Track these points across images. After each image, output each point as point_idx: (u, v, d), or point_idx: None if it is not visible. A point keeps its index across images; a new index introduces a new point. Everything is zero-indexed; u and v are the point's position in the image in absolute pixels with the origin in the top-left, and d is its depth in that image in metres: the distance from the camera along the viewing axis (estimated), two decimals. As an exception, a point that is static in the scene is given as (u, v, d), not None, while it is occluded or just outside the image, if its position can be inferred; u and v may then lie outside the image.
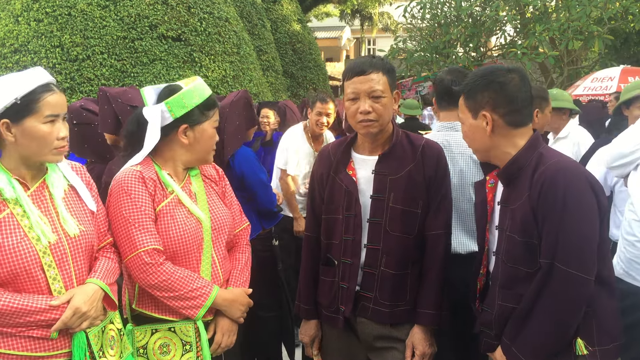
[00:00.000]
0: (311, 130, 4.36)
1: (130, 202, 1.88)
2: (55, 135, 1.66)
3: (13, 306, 1.58)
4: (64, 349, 1.68)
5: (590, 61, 10.80)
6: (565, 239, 1.63)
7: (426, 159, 2.08)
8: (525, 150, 1.78)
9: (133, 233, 1.85)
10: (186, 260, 1.93)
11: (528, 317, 1.70)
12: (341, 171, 2.13)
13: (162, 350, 1.91)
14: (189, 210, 1.95)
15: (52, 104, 1.66)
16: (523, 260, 1.73)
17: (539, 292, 1.67)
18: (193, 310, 1.88)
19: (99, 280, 1.74)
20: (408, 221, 2.05)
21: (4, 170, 1.66)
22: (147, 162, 1.98)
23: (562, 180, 1.67)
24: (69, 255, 1.69)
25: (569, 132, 3.87)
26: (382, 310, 2.06)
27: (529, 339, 1.70)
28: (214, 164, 2.19)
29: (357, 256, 2.07)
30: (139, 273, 1.85)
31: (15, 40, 7.01)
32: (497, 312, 1.79)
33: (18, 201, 1.64)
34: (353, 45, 30.82)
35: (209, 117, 1.99)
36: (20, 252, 1.60)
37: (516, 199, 1.75)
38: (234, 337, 2.00)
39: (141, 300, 1.95)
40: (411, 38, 11.69)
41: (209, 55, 7.72)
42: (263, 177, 3.20)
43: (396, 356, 2.08)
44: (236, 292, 2.02)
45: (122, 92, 2.75)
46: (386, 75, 2.04)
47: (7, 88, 1.63)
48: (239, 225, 2.19)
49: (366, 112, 2.01)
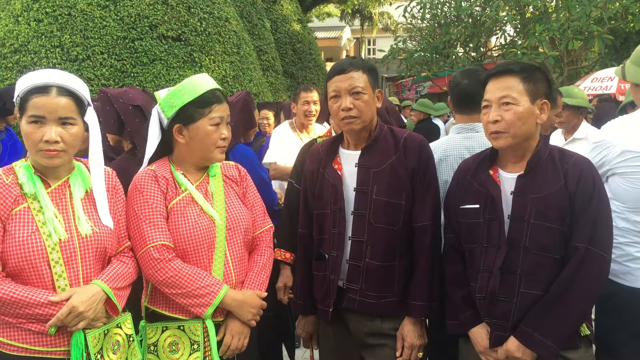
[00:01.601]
0: (299, 123, 4.28)
1: (142, 200, 1.92)
2: (38, 137, 1.67)
3: (13, 296, 1.61)
4: (62, 346, 1.70)
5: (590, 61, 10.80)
6: (600, 225, 1.79)
7: (408, 151, 2.10)
8: (544, 144, 1.92)
9: (143, 229, 1.88)
10: (196, 258, 1.93)
11: (559, 300, 1.77)
12: (328, 166, 2.17)
13: (172, 349, 1.92)
14: (202, 209, 1.95)
15: (37, 105, 1.67)
16: (552, 246, 1.81)
17: (574, 275, 1.77)
18: (201, 309, 1.87)
19: (104, 283, 1.75)
20: (392, 213, 2.07)
21: (28, 166, 1.74)
22: (163, 161, 2.04)
23: (594, 173, 1.85)
24: (78, 255, 1.72)
25: (586, 133, 3.84)
26: (369, 302, 2.08)
27: (559, 323, 1.77)
28: (237, 164, 2.19)
29: (342, 249, 2.09)
30: (148, 269, 1.87)
31: (15, 40, 7.01)
32: (519, 300, 1.82)
33: (36, 196, 1.70)
34: (353, 45, 30.81)
35: (204, 115, 1.94)
36: (28, 245, 1.65)
37: (541, 188, 1.83)
38: (245, 341, 1.97)
39: (153, 297, 1.97)
40: (411, 38, 11.68)
41: (209, 55, 7.72)
42: (264, 175, 3.21)
43: (388, 353, 2.10)
44: (247, 293, 1.98)
45: (123, 93, 2.76)
46: (367, 73, 2.08)
47: (19, 84, 1.71)
48: (260, 226, 2.15)
49: (347, 109, 2.04)
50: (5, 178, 1.70)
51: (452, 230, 2.06)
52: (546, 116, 1.90)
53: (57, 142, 1.68)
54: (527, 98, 1.85)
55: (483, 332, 1.90)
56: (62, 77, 1.74)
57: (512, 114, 1.84)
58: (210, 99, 1.96)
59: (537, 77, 1.88)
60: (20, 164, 1.75)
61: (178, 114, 1.95)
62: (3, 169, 1.74)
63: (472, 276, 1.96)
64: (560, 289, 1.77)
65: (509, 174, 1.92)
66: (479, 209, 1.93)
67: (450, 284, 2.04)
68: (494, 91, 1.90)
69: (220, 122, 1.97)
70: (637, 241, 2.09)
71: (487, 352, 1.89)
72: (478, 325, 1.93)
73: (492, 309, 1.87)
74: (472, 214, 1.96)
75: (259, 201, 2.18)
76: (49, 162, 1.72)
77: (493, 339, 1.87)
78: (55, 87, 1.70)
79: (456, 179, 2.08)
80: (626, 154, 2.09)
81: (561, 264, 1.81)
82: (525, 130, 1.86)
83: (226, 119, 2.00)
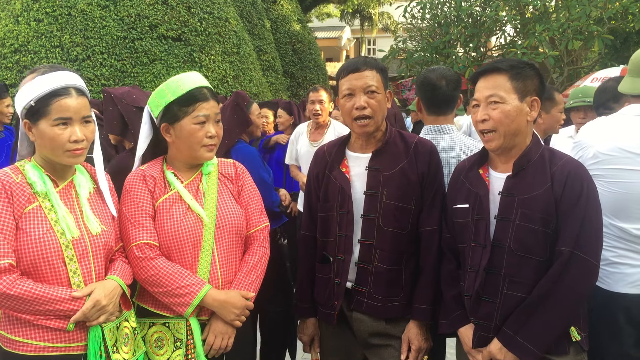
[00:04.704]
0: (312, 123, 4.52)
1: (129, 200, 1.94)
2: (66, 137, 1.72)
3: (35, 293, 1.64)
4: (79, 341, 1.73)
5: (590, 61, 10.80)
6: (586, 229, 1.75)
7: (419, 156, 2.10)
8: (535, 144, 1.89)
9: (128, 228, 1.91)
10: (181, 256, 1.93)
11: (541, 304, 1.75)
12: (335, 169, 2.16)
13: (157, 344, 1.95)
14: (189, 207, 1.95)
15: (63, 108, 1.72)
16: (537, 249, 1.79)
17: (557, 279, 1.74)
18: (181, 308, 1.89)
19: (119, 278, 1.81)
20: (401, 217, 2.07)
21: (37, 166, 1.77)
22: (156, 161, 2.05)
23: (583, 175, 1.80)
24: (90, 252, 1.77)
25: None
26: (377, 305, 2.08)
27: (540, 327, 1.74)
28: (236, 162, 2.18)
29: (350, 252, 2.09)
30: (132, 267, 1.90)
31: (15, 40, 7.01)
32: (502, 301, 1.81)
33: (47, 195, 1.74)
34: (353, 45, 30.82)
35: (188, 113, 1.93)
36: (44, 243, 1.68)
37: (528, 190, 1.81)
38: (230, 341, 1.95)
39: (141, 294, 1.99)
40: (411, 38, 11.67)
41: (209, 55, 7.72)
42: (264, 175, 3.18)
43: (392, 354, 2.09)
44: (231, 294, 1.95)
45: (126, 93, 2.75)
46: (379, 73, 2.08)
47: (29, 90, 1.72)
48: (255, 225, 2.10)
49: (362, 108, 2.03)
50: (15, 177, 1.73)
51: (448, 230, 2.06)
52: (536, 113, 1.87)
53: (83, 141, 1.75)
54: (515, 96, 1.82)
55: (469, 332, 1.90)
56: (75, 78, 1.79)
57: (500, 112, 1.82)
58: (194, 97, 1.94)
59: (527, 73, 1.85)
60: (26, 163, 1.78)
61: (164, 112, 1.96)
62: (10, 168, 1.76)
63: (463, 275, 1.96)
64: (543, 292, 1.75)
65: (499, 174, 1.91)
66: (469, 209, 1.93)
67: (443, 283, 2.04)
68: (482, 90, 1.88)
69: (205, 121, 1.94)
70: (615, 245, 2.06)
71: (472, 352, 1.90)
72: (466, 326, 1.92)
73: (477, 309, 1.87)
74: (463, 213, 1.95)
75: (256, 199, 2.14)
76: (74, 161, 1.77)
77: (477, 340, 1.86)
78: (74, 88, 1.76)
79: (452, 179, 2.09)
80: (598, 156, 2.06)
81: (546, 267, 1.78)
82: (514, 129, 1.84)
83: (213, 117, 1.97)
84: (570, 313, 1.76)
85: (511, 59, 1.93)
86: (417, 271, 2.11)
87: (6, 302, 1.63)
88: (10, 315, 1.69)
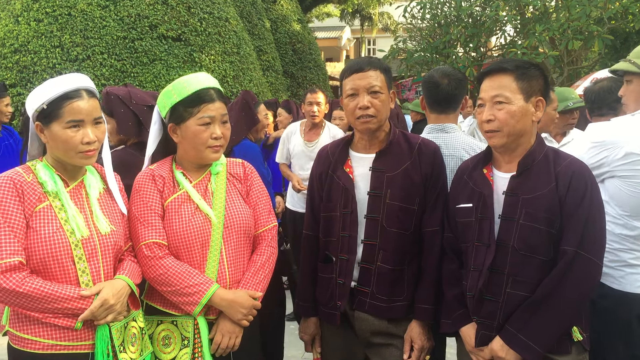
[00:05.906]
0: (306, 123, 4.58)
1: (138, 199, 1.95)
2: (79, 139, 1.75)
3: (44, 291, 1.66)
4: (87, 340, 1.75)
5: (590, 61, 10.80)
6: (590, 229, 1.76)
7: (422, 157, 2.10)
8: (539, 144, 1.90)
9: (137, 227, 1.92)
10: (189, 256, 1.94)
11: (545, 302, 1.75)
12: (339, 169, 2.15)
13: (164, 342, 1.96)
14: (198, 207, 1.96)
15: (75, 111, 1.75)
16: (540, 248, 1.79)
17: (561, 278, 1.74)
18: (189, 307, 1.89)
19: (127, 277, 1.83)
20: (405, 218, 2.07)
21: (48, 166, 1.80)
22: (166, 161, 2.07)
23: (587, 175, 1.81)
24: (99, 251, 1.79)
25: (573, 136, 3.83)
26: (380, 305, 2.08)
27: (543, 325, 1.74)
28: (244, 162, 2.18)
29: (353, 252, 2.10)
30: (141, 266, 1.91)
31: (15, 40, 7.01)
32: (505, 300, 1.82)
33: (58, 195, 1.77)
34: (353, 45, 30.81)
35: (193, 114, 1.94)
36: (54, 241, 1.70)
37: (533, 190, 1.81)
38: (237, 340, 1.96)
39: (150, 292, 2.00)
40: (411, 38, 11.66)
41: (209, 55, 7.72)
42: (264, 172, 3.22)
43: (394, 353, 2.10)
44: (239, 293, 1.96)
45: (132, 94, 2.68)
46: (383, 73, 2.09)
47: (40, 93, 1.75)
48: (263, 225, 2.11)
49: (365, 107, 2.04)
50: (26, 177, 1.75)
51: (450, 230, 2.06)
52: (542, 113, 1.88)
53: (95, 142, 1.78)
54: (520, 96, 1.83)
55: (472, 331, 1.90)
56: (85, 79, 1.81)
57: (505, 113, 1.83)
58: (199, 98, 1.94)
59: (532, 74, 1.86)
60: (37, 163, 1.81)
61: (171, 113, 1.97)
62: (22, 168, 1.80)
63: (465, 275, 1.96)
64: (546, 292, 1.75)
65: (503, 174, 1.92)
66: (472, 208, 1.93)
67: (445, 283, 2.05)
68: (487, 90, 1.88)
69: (210, 122, 1.95)
70: (633, 248, 2.05)
71: (474, 350, 1.90)
72: (468, 325, 1.93)
73: (480, 308, 1.87)
74: (466, 212, 1.96)
75: (264, 199, 2.13)
76: (86, 162, 1.81)
77: (479, 338, 1.87)
78: (85, 90, 1.78)
79: (455, 178, 2.09)
80: (630, 157, 2.02)
81: (550, 267, 1.79)
82: (520, 129, 1.84)
83: (220, 118, 1.97)
84: (573, 312, 1.76)
85: (516, 59, 1.93)
86: (419, 272, 2.11)
87: (15, 300, 1.65)
88: (20, 313, 1.71)
